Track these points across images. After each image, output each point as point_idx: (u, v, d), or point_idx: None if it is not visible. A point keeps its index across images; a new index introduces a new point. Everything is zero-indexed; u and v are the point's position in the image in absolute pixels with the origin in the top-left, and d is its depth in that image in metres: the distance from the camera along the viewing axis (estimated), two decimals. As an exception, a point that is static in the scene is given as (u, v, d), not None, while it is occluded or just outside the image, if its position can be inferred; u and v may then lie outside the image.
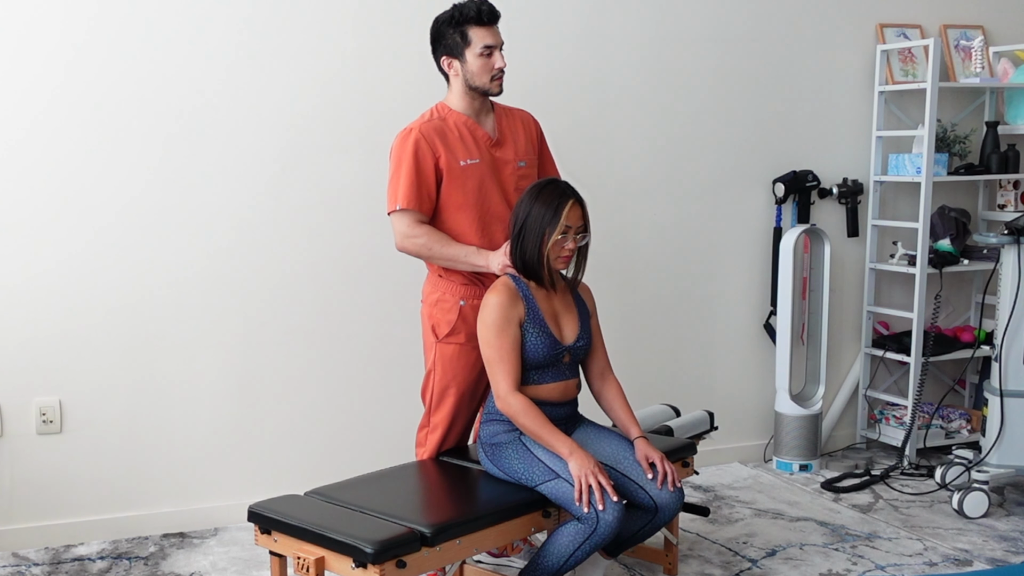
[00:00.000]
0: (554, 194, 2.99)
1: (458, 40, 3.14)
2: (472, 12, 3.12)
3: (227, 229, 3.82)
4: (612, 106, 4.33)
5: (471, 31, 3.12)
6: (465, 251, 3.15)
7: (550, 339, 3.02)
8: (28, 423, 3.65)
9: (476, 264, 3.14)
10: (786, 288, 4.53)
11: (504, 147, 3.26)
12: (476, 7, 3.13)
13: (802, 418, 4.55)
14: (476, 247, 3.15)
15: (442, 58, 3.19)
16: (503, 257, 3.09)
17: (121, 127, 3.66)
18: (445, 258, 3.16)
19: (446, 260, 3.16)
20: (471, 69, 3.15)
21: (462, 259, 3.15)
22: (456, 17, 3.13)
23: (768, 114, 4.61)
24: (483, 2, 3.15)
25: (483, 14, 3.13)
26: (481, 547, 2.85)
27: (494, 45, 3.15)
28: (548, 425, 2.93)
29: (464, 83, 3.18)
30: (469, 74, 3.16)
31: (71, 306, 3.66)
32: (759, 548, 3.70)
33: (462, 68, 3.16)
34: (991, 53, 4.89)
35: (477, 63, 3.14)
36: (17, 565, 3.53)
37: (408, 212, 3.13)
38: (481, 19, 3.13)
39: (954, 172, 4.72)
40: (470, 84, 3.18)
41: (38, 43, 3.55)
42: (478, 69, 3.15)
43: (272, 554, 2.84)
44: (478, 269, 3.15)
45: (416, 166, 3.12)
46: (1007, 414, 4.01)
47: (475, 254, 3.14)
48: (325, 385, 4.00)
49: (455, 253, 3.15)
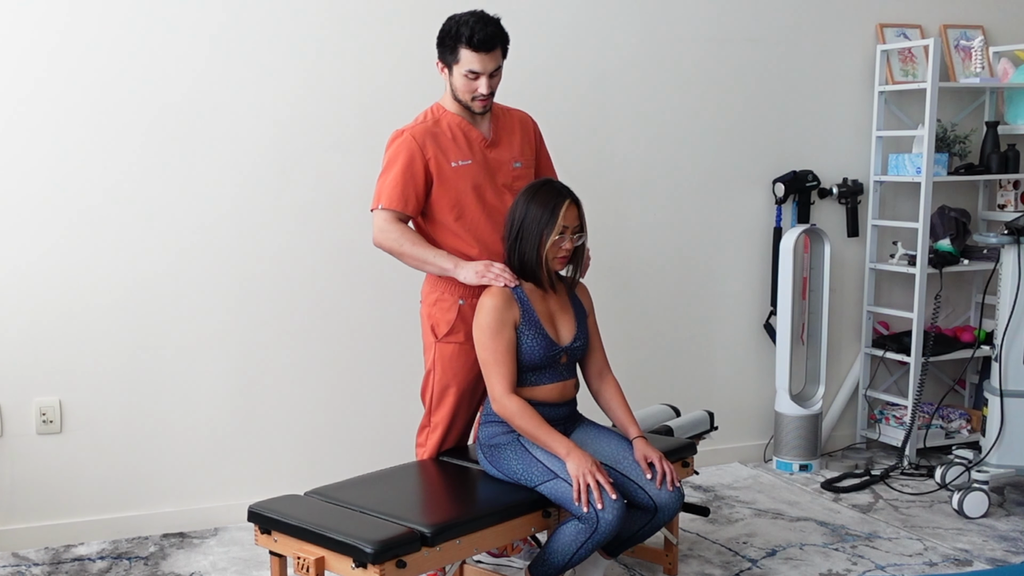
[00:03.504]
0: (550, 195, 2.99)
1: (448, 54, 3.14)
2: (465, 34, 3.09)
3: (227, 229, 3.82)
4: (612, 106, 4.33)
5: (462, 51, 3.11)
6: (435, 253, 3.13)
7: (546, 340, 3.01)
8: (28, 423, 3.65)
9: (444, 267, 3.12)
10: (786, 288, 4.53)
11: (500, 148, 3.25)
12: (469, 31, 3.08)
13: (802, 418, 4.55)
14: (447, 253, 3.14)
15: (438, 60, 3.20)
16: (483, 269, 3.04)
17: (120, 127, 3.66)
18: (414, 257, 3.14)
19: (415, 259, 3.15)
20: (456, 84, 3.16)
21: (431, 260, 3.13)
22: (452, 33, 3.11)
23: (768, 114, 4.61)
24: (478, 30, 3.09)
25: (473, 41, 3.08)
26: (481, 547, 2.85)
27: (480, 72, 3.11)
28: (544, 426, 2.93)
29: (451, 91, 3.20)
30: (454, 87, 3.18)
31: (71, 306, 3.66)
32: (759, 548, 3.70)
33: (449, 79, 3.18)
34: (991, 53, 4.89)
35: (460, 82, 3.14)
36: (17, 565, 3.53)
37: (387, 211, 3.14)
38: (472, 44, 3.10)
39: (954, 172, 4.72)
40: (455, 96, 3.20)
41: (37, 43, 3.55)
42: (461, 87, 3.15)
43: (272, 554, 2.84)
44: (445, 273, 3.13)
45: (405, 168, 3.12)
46: (1007, 414, 4.01)
47: (445, 258, 3.12)
48: (325, 385, 4.00)
49: (424, 254, 3.13)
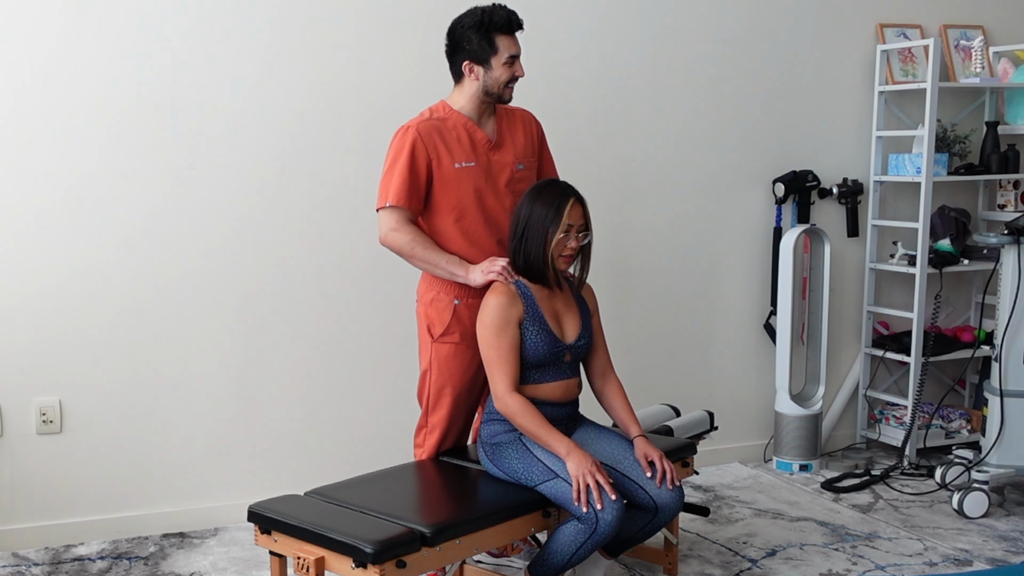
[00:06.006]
0: (555, 194, 2.99)
1: (485, 47, 3.11)
2: (501, 20, 3.10)
3: (227, 229, 3.82)
4: (611, 106, 4.33)
5: (499, 39, 3.11)
6: (447, 258, 3.11)
7: (550, 338, 3.01)
8: (28, 423, 3.65)
9: (455, 273, 3.11)
10: (786, 288, 4.53)
11: (503, 150, 3.24)
12: (506, 16, 3.11)
13: (802, 418, 4.55)
14: (459, 258, 3.13)
15: (465, 63, 3.15)
16: (487, 265, 3.06)
17: (121, 128, 3.66)
18: (425, 260, 3.12)
19: (426, 263, 3.13)
20: (495, 76, 3.13)
21: (442, 265, 3.11)
22: (485, 23, 3.10)
23: (768, 114, 4.61)
24: (512, 11, 3.13)
25: (513, 23, 3.12)
26: (481, 547, 2.85)
27: (517, 55, 3.14)
28: (546, 425, 2.93)
29: (481, 88, 3.16)
30: (491, 81, 3.14)
31: (71, 306, 3.66)
32: (759, 548, 3.70)
33: (484, 74, 3.13)
34: (991, 53, 4.89)
35: (500, 73, 3.13)
36: (17, 565, 3.53)
37: (397, 209, 3.11)
38: (510, 28, 3.12)
39: (954, 172, 4.72)
40: (488, 91, 3.16)
41: (37, 43, 3.55)
42: (501, 78, 3.13)
43: (272, 554, 2.84)
44: (456, 279, 3.12)
45: (410, 164, 3.10)
46: (1007, 414, 4.01)
47: (456, 264, 3.11)
48: (325, 385, 4.00)
49: (436, 259, 3.11)
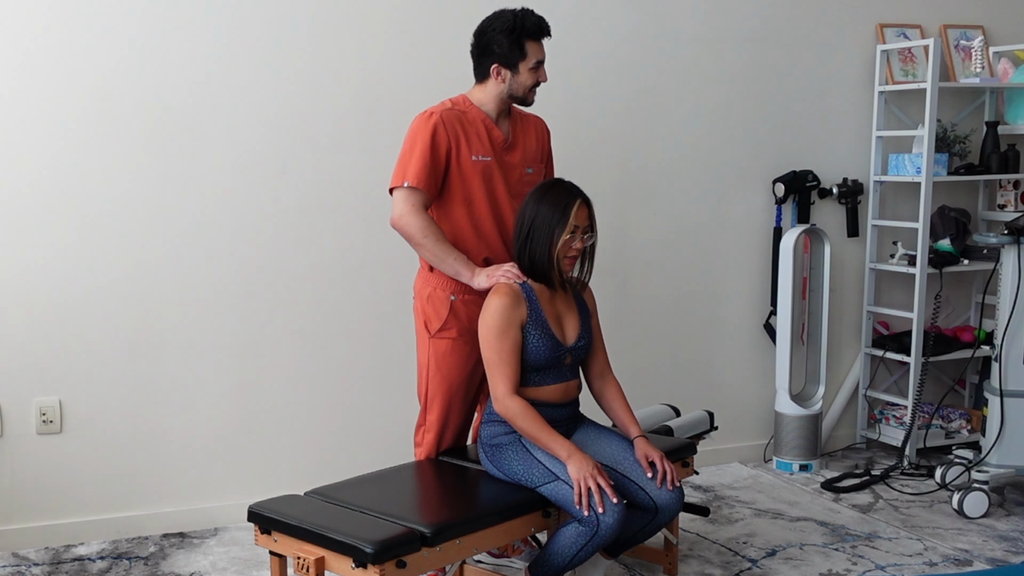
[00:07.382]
0: (561, 194, 2.98)
1: (515, 51, 3.12)
2: (532, 27, 3.13)
3: (227, 229, 3.82)
4: (612, 106, 4.33)
5: (529, 45, 3.13)
6: (456, 256, 3.10)
7: (552, 341, 3.01)
8: (28, 423, 3.65)
9: (460, 272, 3.10)
10: (786, 288, 4.53)
11: (514, 151, 3.25)
12: (537, 23, 3.14)
13: (802, 418, 4.55)
14: (467, 259, 3.12)
15: (493, 66, 3.15)
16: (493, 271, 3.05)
17: (120, 126, 3.66)
18: (434, 253, 3.10)
19: (434, 255, 3.11)
20: (521, 80, 3.15)
21: (450, 262, 3.10)
22: (517, 29, 3.11)
23: (768, 114, 4.61)
24: (541, 17, 3.16)
25: (543, 30, 3.15)
26: (481, 547, 2.85)
27: (543, 60, 3.18)
28: (546, 427, 2.93)
29: (507, 91, 3.17)
30: (516, 84, 3.16)
31: (71, 306, 3.66)
32: (759, 548, 3.70)
33: (511, 78, 3.15)
34: (991, 53, 4.89)
35: (527, 78, 3.15)
36: (17, 565, 3.53)
37: (415, 191, 3.08)
38: (540, 34, 3.15)
39: (954, 172, 4.72)
40: (513, 94, 3.18)
41: (37, 43, 3.55)
42: (527, 82, 3.16)
43: (272, 554, 2.84)
44: (459, 278, 3.12)
45: (432, 148, 3.08)
46: (1007, 414, 4.01)
47: (464, 263, 3.10)
48: (325, 385, 4.00)
49: (445, 254, 3.09)
